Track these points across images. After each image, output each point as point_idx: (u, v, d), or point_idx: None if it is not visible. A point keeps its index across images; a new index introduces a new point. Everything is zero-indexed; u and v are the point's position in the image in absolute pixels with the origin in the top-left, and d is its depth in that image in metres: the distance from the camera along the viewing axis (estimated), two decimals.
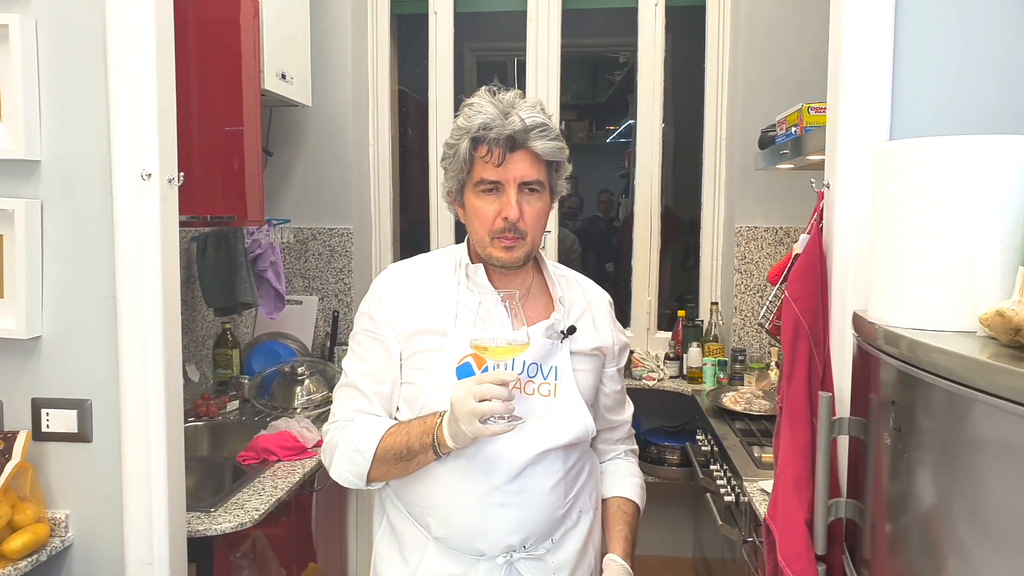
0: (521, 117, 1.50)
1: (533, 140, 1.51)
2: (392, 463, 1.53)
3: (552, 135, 1.53)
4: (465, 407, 1.40)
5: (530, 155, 1.52)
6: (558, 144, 1.54)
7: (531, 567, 1.59)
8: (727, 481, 2.60)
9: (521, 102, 1.55)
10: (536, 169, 1.54)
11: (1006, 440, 0.97)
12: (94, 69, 1.79)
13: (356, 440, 1.55)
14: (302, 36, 3.28)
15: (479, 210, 1.56)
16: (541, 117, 1.53)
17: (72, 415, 1.85)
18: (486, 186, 1.54)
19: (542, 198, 1.57)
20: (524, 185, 1.53)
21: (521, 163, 1.52)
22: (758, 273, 3.60)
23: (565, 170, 1.62)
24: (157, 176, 1.78)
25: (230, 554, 2.24)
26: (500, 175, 1.52)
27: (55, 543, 1.84)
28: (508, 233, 1.53)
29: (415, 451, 1.50)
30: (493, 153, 1.51)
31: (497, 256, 1.56)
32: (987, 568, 1.01)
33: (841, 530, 1.52)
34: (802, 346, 1.62)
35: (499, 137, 1.50)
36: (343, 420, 1.62)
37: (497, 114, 1.51)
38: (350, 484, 1.59)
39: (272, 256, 3.27)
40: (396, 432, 1.54)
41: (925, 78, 1.55)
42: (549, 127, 1.53)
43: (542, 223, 1.59)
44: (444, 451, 1.49)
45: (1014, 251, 1.24)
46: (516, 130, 1.50)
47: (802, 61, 3.29)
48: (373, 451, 1.53)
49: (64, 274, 1.84)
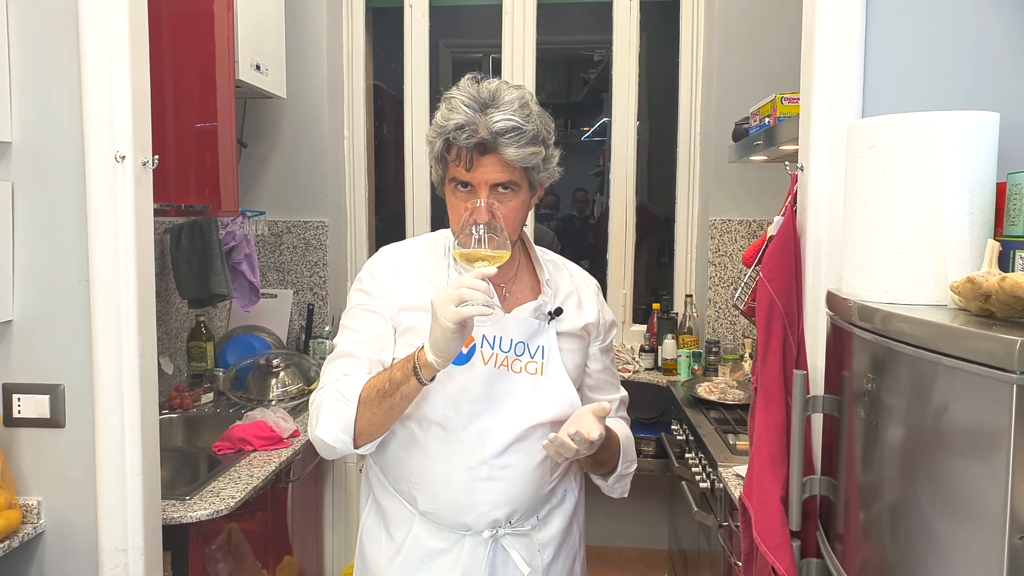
0: (493, 121, 1.47)
1: (503, 147, 1.48)
2: (376, 403, 1.48)
3: (524, 140, 1.49)
4: (443, 298, 1.37)
5: (500, 159, 1.50)
6: (530, 149, 1.50)
7: (516, 543, 1.60)
8: (702, 468, 2.61)
9: (504, 95, 1.51)
10: (507, 171, 1.51)
11: (975, 405, 0.99)
12: (67, 49, 1.77)
13: (342, 390, 1.52)
14: (277, 28, 3.26)
15: (454, 207, 1.56)
16: (515, 120, 1.48)
17: (44, 400, 1.83)
18: (459, 184, 1.54)
19: (517, 196, 1.55)
20: (496, 185, 1.52)
21: (491, 166, 1.50)
22: (732, 266, 3.63)
23: (550, 161, 1.59)
24: (131, 158, 1.77)
25: (205, 546, 2.22)
26: (470, 178, 1.51)
27: (27, 530, 1.82)
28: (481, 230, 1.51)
29: (397, 381, 1.46)
30: (462, 158, 1.50)
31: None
32: (957, 538, 1.03)
33: (815, 507, 1.54)
34: (776, 326, 1.64)
35: (468, 144, 1.48)
36: (330, 383, 1.57)
37: (472, 117, 1.48)
38: (337, 443, 1.52)
39: (247, 248, 3.25)
40: (379, 375, 1.52)
41: (896, 57, 1.58)
42: (523, 131, 1.49)
43: (518, 218, 1.58)
44: (426, 374, 1.44)
45: (983, 224, 1.27)
46: (485, 138, 1.47)
47: (776, 54, 3.33)
48: (358, 395, 1.49)
49: (36, 257, 1.82)
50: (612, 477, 1.72)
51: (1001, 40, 1.55)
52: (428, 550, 1.59)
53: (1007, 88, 1.54)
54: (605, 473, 1.73)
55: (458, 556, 1.58)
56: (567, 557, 1.70)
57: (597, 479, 1.76)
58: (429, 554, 1.59)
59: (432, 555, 1.59)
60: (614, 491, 1.78)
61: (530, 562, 1.61)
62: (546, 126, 1.56)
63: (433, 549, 1.59)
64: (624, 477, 1.76)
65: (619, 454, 1.70)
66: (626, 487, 1.79)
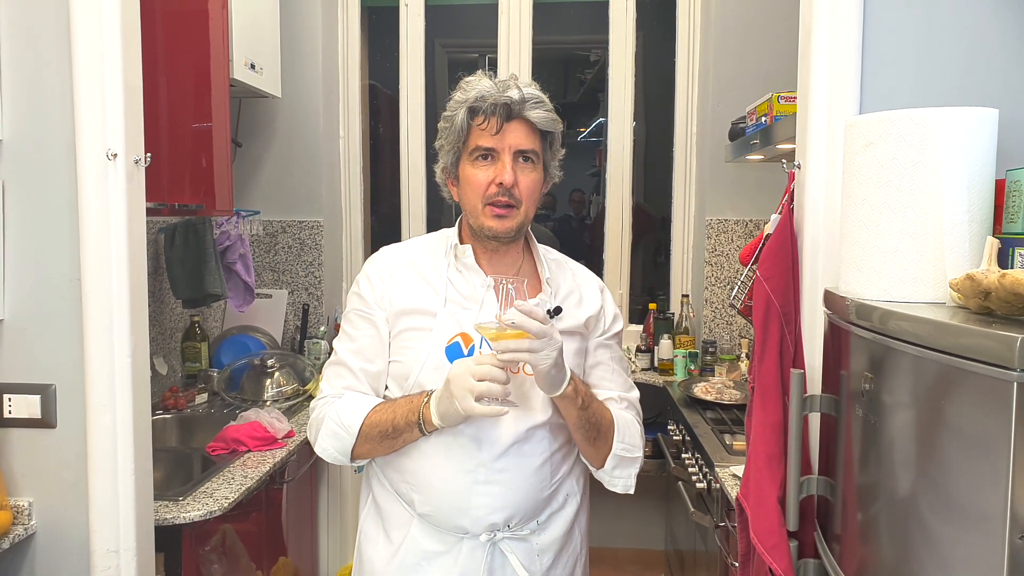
0: (519, 87, 1.55)
1: (529, 110, 1.54)
2: (377, 440, 1.55)
3: (547, 107, 1.57)
4: (463, 384, 1.40)
5: (526, 124, 1.55)
6: (553, 116, 1.58)
7: (515, 547, 1.58)
8: (699, 469, 2.61)
9: (515, 82, 1.58)
10: (531, 139, 1.56)
11: (975, 403, 0.98)
12: (58, 46, 1.75)
13: (342, 416, 1.56)
14: (272, 26, 3.25)
15: (473, 178, 1.57)
16: (536, 92, 1.57)
17: (35, 400, 1.81)
18: (481, 153, 1.56)
19: (536, 169, 1.59)
20: (519, 153, 1.55)
21: (517, 132, 1.55)
22: (728, 265, 3.62)
23: (558, 151, 1.65)
24: (123, 156, 1.75)
25: (199, 547, 2.21)
26: (496, 143, 1.54)
27: (18, 531, 1.80)
28: (502, 198, 1.54)
29: (400, 429, 1.52)
30: (490, 121, 1.54)
31: (489, 226, 1.56)
32: (956, 538, 1.02)
33: (813, 507, 1.54)
34: (773, 325, 1.63)
35: (495, 105, 1.53)
36: (331, 396, 1.63)
37: (493, 86, 1.55)
38: (334, 460, 1.60)
39: (241, 248, 3.24)
40: (382, 410, 1.55)
41: (894, 53, 1.57)
42: (544, 100, 1.57)
43: (535, 196, 1.60)
44: (429, 429, 1.50)
45: (982, 222, 1.26)
46: (512, 100, 1.53)
47: (773, 53, 3.32)
48: (358, 428, 1.55)
49: (27, 256, 1.80)
50: (609, 459, 1.61)
51: (1000, 36, 1.54)
52: (425, 552, 1.58)
53: (1006, 84, 1.53)
54: (602, 455, 1.62)
55: (455, 559, 1.56)
56: (567, 562, 1.67)
57: (597, 472, 1.66)
58: (426, 556, 1.58)
59: (429, 557, 1.58)
60: (616, 480, 1.65)
61: (528, 567, 1.59)
62: None
63: (431, 551, 1.58)
64: (625, 461, 1.63)
65: (612, 427, 1.61)
66: (630, 480, 1.66)
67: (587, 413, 1.55)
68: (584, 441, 1.60)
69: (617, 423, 1.63)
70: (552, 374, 1.45)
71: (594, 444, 1.60)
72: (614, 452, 1.62)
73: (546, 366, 1.43)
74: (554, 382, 1.47)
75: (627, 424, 1.66)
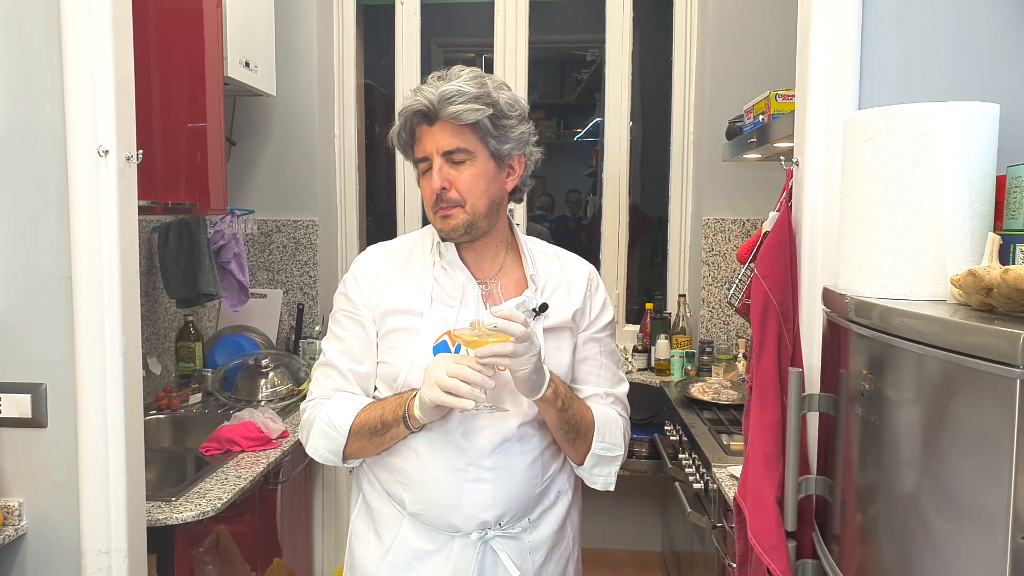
0: (431, 91, 1.50)
1: (444, 108, 1.50)
2: (367, 438, 1.54)
3: (463, 99, 1.49)
4: (434, 376, 1.41)
5: (448, 124, 1.52)
6: (473, 105, 1.49)
7: (506, 545, 1.57)
8: (696, 469, 2.59)
9: (457, 72, 1.54)
10: (457, 137, 1.52)
11: (977, 401, 0.96)
12: (49, 41, 1.73)
13: (332, 416, 1.56)
14: (267, 24, 3.23)
15: (422, 189, 1.59)
16: (454, 86, 1.49)
17: (26, 400, 1.79)
18: (422, 165, 1.57)
19: (474, 164, 1.54)
20: (447, 155, 1.53)
21: (439, 134, 1.52)
22: (725, 265, 3.61)
23: (513, 128, 1.56)
24: (114, 153, 1.73)
25: (192, 548, 2.19)
26: (423, 151, 1.55)
27: (8, 532, 1.78)
28: (441, 204, 1.54)
29: (388, 424, 1.51)
30: (414, 133, 1.55)
31: (439, 228, 1.58)
32: (957, 538, 1.01)
33: (811, 507, 1.52)
34: (771, 323, 1.61)
35: (411, 115, 1.53)
36: (320, 398, 1.62)
37: (410, 95, 1.54)
38: (326, 461, 1.60)
39: (236, 247, 3.22)
40: (371, 408, 1.55)
41: (894, 48, 1.55)
42: (464, 92, 1.49)
43: (480, 189, 1.55)
44: (414, 424, 1.50)
45: (983, 218, 1.25)
46: (428, 104, 1.50)
47: (770, 51, 3.31)
48: (348, 427, 1.54)
49: (17, 253, 1.78)
50: (589, 457, 1.60)
51: (1001, 30, 1.52)
52: (416, 551, 1.57)
53: (1007, 79, 1.52)
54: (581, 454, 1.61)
55: (447, 558, 1.55)
56: (559, 560, 1.67)
57: (577, 468, 1.64)
58: (417, 555, 1.57)
59: (420, 556, 1.57)
60: (595, 478, 1.64)
61: (520, 565, 1.58)
62: (506, 98, 1.55)
63: (421, 550, 1.57)
64: (604, 460, 1.62)
65: (592, 427, 1.59)
66: (610, 478, 1.65)
67: (567, 415, 1.54)
68: (564, 440, 1.59)
69: (598, 422, 1.61)
70: (532, 379, 1.45)
71: (573, 444, 1.59)
72: (593, 451, 1.61)
73: (525, 372, 1.42)
74: (534, 387, 1.47)
75: (609, 422, 1.63)
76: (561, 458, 1.65)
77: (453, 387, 1.38)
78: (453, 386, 1.38)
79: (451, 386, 1.38)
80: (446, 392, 1.39)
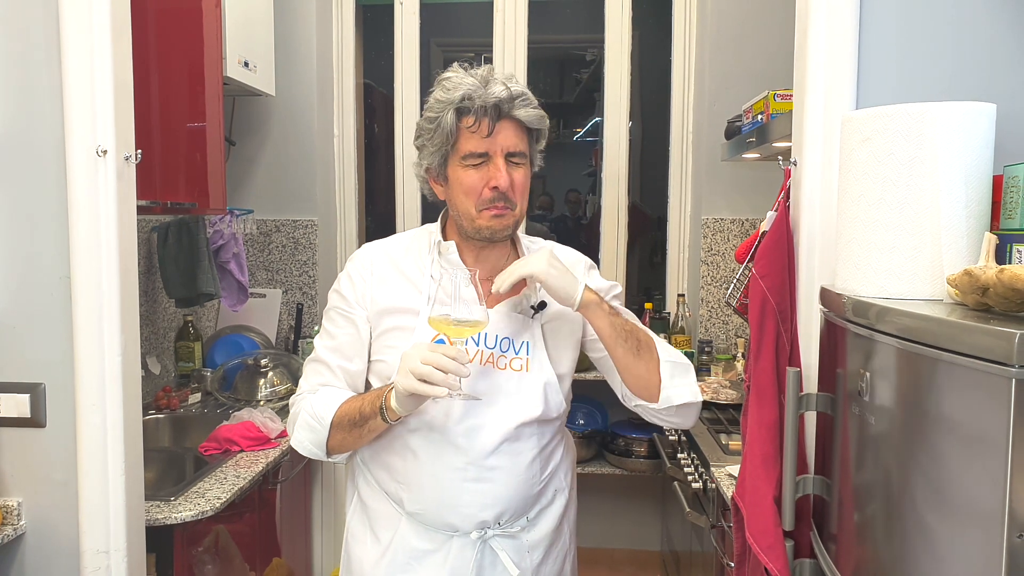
0: (506, 85, 1.50)
1: (517, 108, 1.50)
2: (347, 430, 1.53)
3: (534, 104, 1.54)
4: (407, 364, 1.38)
5: (515, 124, 1.52)
6: (540, 112, 1.55)
7: (505, 544, 1.58)
8: (695, 469, 2.59)
9: (496, 74, 1.54)
10: (521, 139, 1.53)
11: (973, 400, 0.97)
12: (47, 41, 1.73)
13: (315, 408, 1.56)
14: (266, 24, 3.23)
15: (466, 181, 1.52)
16: (520, 87, 1.53)
17: (24, 399, 1.79)
18: (474, 160, 1.51)
19: (525, 167, 1.56)
20: (510, 156, 1.52)
21: (507, 132, 1.51)
22: (724, 265, 3.61)
23: (542, 143, 1.61)
24: (113, 153, 1.73)
25: (192, 548, 2.19)
26: (488, 146, 1.50)
27: (7, 531, 1.78)
28: (498, 203, 1.51)
29: (366, 416, 1.50)
30: (481, 123, 1.49)
31: (487, 226, 1.53)
32: (954, 537, 1.01)
33: (809, 506, 1.52)
34: (769, 323, 1.62)
35: (485, 106, 1.48)
36: (307, 392, 1.62)
37: (477, 84, 1.50)
38: (310, 454, 1.59)
39: (235, 247, 3.22)
40: (352, 400, 1.55)
41: (891, 48, 1.55)
42: (530, 96, 1.53)
43: (527, 193, 1.58)
44: (390, 416, 1.46)
45: (980, 218, 1.25)
46: (501, 99, 1.48)
47: (769, 51, 3.31)
48: (330, 419, 1.54)
49: (15, 253, 1.78)
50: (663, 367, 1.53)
51: (999, 30, 1.52)
52: (415, 551, 1.57)
53: (1004, 79, 1.52)
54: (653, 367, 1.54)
55: (445, 557, 1.56)
56: (557, 558, 1.67)
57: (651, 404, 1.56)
58: (416, 555, 1.57)
59: (419, 556, 1.57)
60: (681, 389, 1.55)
61: (519, 563, 1.58)
62: None
63: (420, 550, 1.57)
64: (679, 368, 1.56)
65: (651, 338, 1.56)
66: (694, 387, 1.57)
67: (619, 319, 1.51)
68: (628, 354, 1.52)
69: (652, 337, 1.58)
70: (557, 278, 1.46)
71: (639, 355, 1.53)
72: (663, 359, 1.55)
73: (541, 270, 1.44)
74: (567, 287, 1.46)
75: (661, 340, 1.60)
76: (558, 457, 1.65)
77: (427, 374, 1.35)
78: (427, 373, 1.35)
79: (424, 373, 1.35)
80: (420, 380, 1.35)
